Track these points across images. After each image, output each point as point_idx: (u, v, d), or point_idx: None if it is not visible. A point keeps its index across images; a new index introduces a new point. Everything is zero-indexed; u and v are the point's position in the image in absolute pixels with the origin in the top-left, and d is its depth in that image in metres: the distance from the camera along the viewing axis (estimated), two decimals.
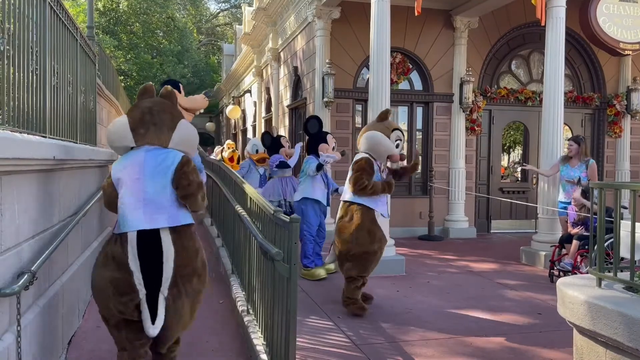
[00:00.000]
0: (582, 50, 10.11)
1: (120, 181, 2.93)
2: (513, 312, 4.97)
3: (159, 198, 2.90)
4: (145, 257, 2.80)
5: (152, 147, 2.99)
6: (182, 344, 3.43)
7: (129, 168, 2.93)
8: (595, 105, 10.13)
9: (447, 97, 9.49)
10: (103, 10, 26.93)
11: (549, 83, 7.12)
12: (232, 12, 39.52)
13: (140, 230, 2.80)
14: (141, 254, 2.79)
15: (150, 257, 2.80)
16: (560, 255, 6.15)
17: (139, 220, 2.83)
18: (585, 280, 3.02)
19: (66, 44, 4.21)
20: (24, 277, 2.42)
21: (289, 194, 7.04)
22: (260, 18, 12.61)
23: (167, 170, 2.92)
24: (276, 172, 7.26)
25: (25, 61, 2.93)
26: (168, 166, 2.93)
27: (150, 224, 2.83)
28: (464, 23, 9.28)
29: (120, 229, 2.87)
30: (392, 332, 4.37)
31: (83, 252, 4.60)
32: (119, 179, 2.95)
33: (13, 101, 2.70)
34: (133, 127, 3.00)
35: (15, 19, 2.75)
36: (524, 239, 8.27)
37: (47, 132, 3.47)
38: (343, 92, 8.98)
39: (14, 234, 2.52)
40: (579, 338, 2.88)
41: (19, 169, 2.51)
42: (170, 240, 2.84)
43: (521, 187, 10.32)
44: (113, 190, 2.99)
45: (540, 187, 7.21)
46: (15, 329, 2.43)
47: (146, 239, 2.81)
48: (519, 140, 16.37)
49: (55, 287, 3.38)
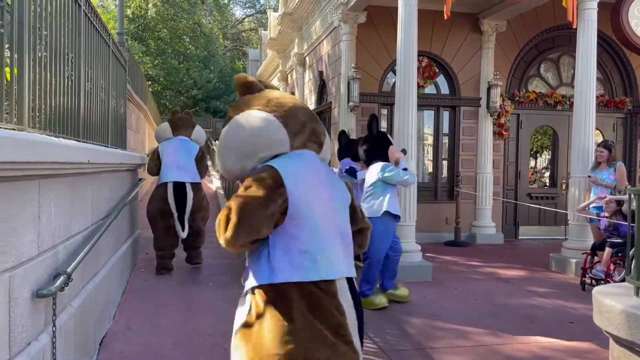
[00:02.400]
0: (614, 54, 9.89)
1: (163, 153, 6.11)
2: (544, 321, 4.87)
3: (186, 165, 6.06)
4: (177, 196, 5.89)
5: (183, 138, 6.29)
6: (209, 347, 3.44)
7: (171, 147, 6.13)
8: (628, 109, 9.90)
9: (474, 101, 9.39)
10: (132, 17, 27.49)
11: (580, 87, 6.98)
12: (258, 17, 39.90)
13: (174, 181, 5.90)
14: (175, 195, 5.87)
15: (180, 197, 5.88)
16: (593, 262, 6.01)
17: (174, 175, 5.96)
18: (623, 289, 2.94)
19: (99, 50, 4.30)
20: (60, 279, 2.47)
21: None
22: (286, 23, 12.69)
23: (192, 152, 6.20)
24: (345, 177, 6.50)
25: (61, 67, 3.00)
26: (192, 149, 6.23)
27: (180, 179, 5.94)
28: (491, 26, 9.17)
29: (162, 180, 6.01)
30: (419, 338, 4.32)
31: (114, 254, 4.68)
32: (162, 151, 6.13)
33: (49, 106, 2.77)
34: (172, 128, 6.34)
35: (52, 26, 2.82)
36: (553, 246, 8.10)
37: (81, 136, 3.54)
38: (368, 97, 8.96)
39: (51, 236, 2.57)
40: (616, 348, 2.80)
41: (56, 173, 2.57)
42: (191, 189, 5.95)
43: (550, 193, 10.13)
44: (158, 158, 6.13)
45: (571, 192, 7.06)
46: (50, 329, 2.47)
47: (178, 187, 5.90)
48: (547, 144, 16.11)
49: (88, 288, 3.44)
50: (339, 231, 1.95)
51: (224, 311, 4.84)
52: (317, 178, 1.96)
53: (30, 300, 2.28)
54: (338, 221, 1.96)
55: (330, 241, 1.90)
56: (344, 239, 1.96)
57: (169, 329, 4.32)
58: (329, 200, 1.95)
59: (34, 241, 2.32)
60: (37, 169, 2.23)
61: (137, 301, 5.06)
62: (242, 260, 6.89)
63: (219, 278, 6.08)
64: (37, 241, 2.36)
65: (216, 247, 7.75)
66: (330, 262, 1.87)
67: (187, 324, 4.45)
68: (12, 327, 2.08)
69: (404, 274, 6.21)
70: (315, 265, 1.84)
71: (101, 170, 3.88)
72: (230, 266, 6.72)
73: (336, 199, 2.00)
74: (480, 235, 9.27)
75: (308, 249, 1.85)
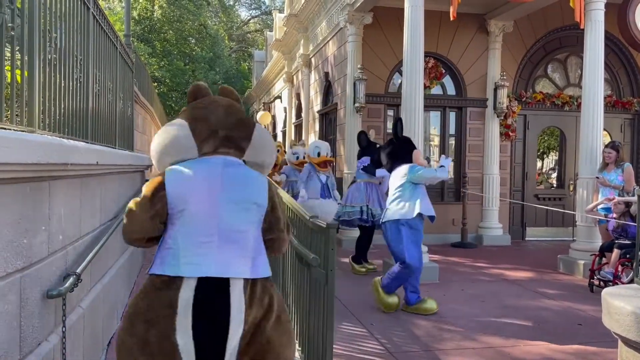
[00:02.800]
0: (621, 54, 9.85)
1: None
2: (552, 322, 4.85)
3: None
4: None
5: None
6: None
7: None
8: (635, 110, 9.85)
9: (481, 102, 9.36)
10: (138, 18, 27.60)
11: (587, 87, 6.95)
12: (263, 18, 39.96)
13: None
14: None
15: None
16: (601, 264, 5.98)
17: None
18: (632, 291, 2.93)
19: (107, 52, 4.32)
20: (69, 279, 2.48)
21: (372, 202, 6.59)
22: (292, 24, 12.70)
23: None
24: (362, 175, 6.76)
25: (70, 69, 3.01)
26: None
27: None
28: (498, 27, 9.15)
29: None
30: (427, 340, 4.31)
31: (122, 255, 4.70)
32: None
33: (58, 108, 2.78)
34: None
35: (61, 29, 2.83)
36: (561, 247, 8.07)
37: (89, 137, 3.56)
38: (374, 97, 8.95)
39: (61, 237, 2.59)
40: (625, 350, 2.79)
41: (65, 174, 2.58)
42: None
43: (557, 194, 10.09)
44: None
45: (579, 194, 7.03)
46: (60, 330, 2.48)
47: None
48: (553, 145, 16.03)
49: (96, 289, 3.46)
50: (222, 233, 1.98)
51: None
52: (209, 184, 2.01)
53: (40, 300, 2.29)
54: (224, 224, 1.99)
55: (203, 242, 1.95)
56: (228, 239, 1.98)
57: None
58: (217, 205, 1.99)
59: (44, 242, 2.33)
60: (48, 170, 2.24)
61: None
62: None
63: None
64: (47, 242, 2.37)
65: None
66: (188, 259, 1.93)
67: None
68: (23, 327, 2.10)
69: None
70: (171, 260, 1.95)
71: (109, 171, 3.90)
72: None
73: (230, 202, 2.02)
74: (487, 237, 9.24)
75: (172, 246, 1.96)
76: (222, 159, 2.09)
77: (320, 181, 7.01)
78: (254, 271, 2.01)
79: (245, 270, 1.98)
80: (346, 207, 6.70)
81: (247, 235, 2.03)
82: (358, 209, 6.59)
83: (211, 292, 1.91)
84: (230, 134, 2.12)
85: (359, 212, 6.60)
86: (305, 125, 12.69)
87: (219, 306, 1.89)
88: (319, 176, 7.06)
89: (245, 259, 2.00)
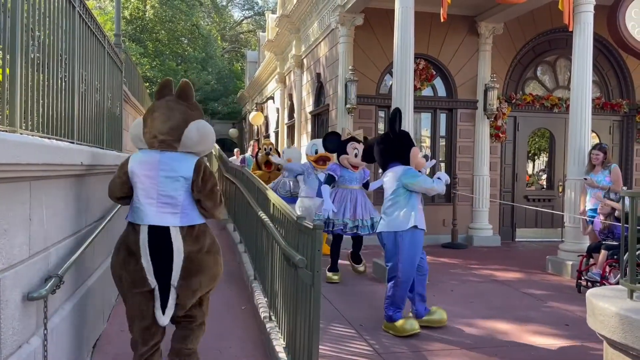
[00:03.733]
0: (610, 56, 9.92)
1: None
2: (540, 323, 4.87)
3: None
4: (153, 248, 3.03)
5: None
6: (203, 349, 3.44)
7: None
8: (624, 112, 9.92)
9: (471, 104, 9.40)
10: (130, 18, 27.47)
11: (576, 89, 6.99)
12: (256, 19, 39.91)
13: None
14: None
15: None
16: (588, 265, 6.01)
17: None
18: (616, 292, 2.94)
19: (94, 52, 4.29)
20: (51, 281, 2.46)
21: (361, 210, 6.06)
22: (284, 25, 12.69)
23: None
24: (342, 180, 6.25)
25: (55, 68, 2.99)
26: None
27: None
28: (488, 29, 9.19)
29: None
30: (415, 341, 4.31)
31: (109, 256, 4.66)
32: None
33: (42, 108, 2.76)
34: None
35: (45, 27, 2.81)
36: (550, 248, 8.11)
37: (75, 138, 3.53)
38: (366, 99, 8.96)
39: (42, 238, 2.56)
40: (610, 351, 2.79)
41: (47, 175, 2.56)
42: None
43: (547, 195, 10.13)
44: None
45: (567, 195, 7.07)
46: (42, 332, 2.46)
47: None
48: (544, 147, 16.12)
49: (81, 290, 3.42)
50: (157, 195, 2.98)
51: (219, 313, 4.83)
52: (151, 165, 3.01)
53: (21, 302, 2.26)
54: (158, 189, 2.98)
55: (147, 202, 2.97)
56: (160, 199, 2.98)
57: None
58: (154, 178, 2.99)
59: (25, 243, 2.31)
60: (28, 170, 2.22)
61: None
62: (238, 263, 6.86)
63: None
64: (28, 243, 2.34)
65: None
66: (142, 214, 2.97)
67: None
68: (3, 329, 2.07)
69: None
70: (136, 213, 3.00)
71: (96, 172, 3.86)
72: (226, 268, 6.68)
73: (161, 176, 2.99)
74: (477, 238, 9.27)
75: (134, 203, 3.04)
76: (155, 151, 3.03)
77: (318, 180, 6.81)
78: (183, 221, 2.98)
79: (176, 221, 2.97)
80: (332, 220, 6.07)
81: (177, 199, 2.98)
82: (340, 222, 6.02)
83: (157, 234, 2.94)
84: (164, 138, 3.04)
85: (351, 226, 6.06)
86: (298, 126, 12.68)
87: (163, 242, 2.93)
88: (317, 175, 6.95)
89: (175, 214, 2.98)
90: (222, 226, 9.62)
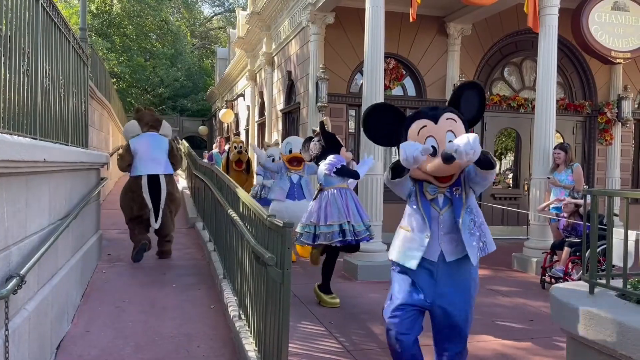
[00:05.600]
0: (574, 58, 10.19)
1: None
2: (505, 318, 4.97)
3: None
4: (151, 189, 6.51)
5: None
6: (171, 348, 3.39)
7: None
8: (587, 112, 10.20)
9: (441, 103, 9.50)
10: (96, 12, 26.85)
11: (541, 90, 7.16)
12: (226, 16, 39.54)
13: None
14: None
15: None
16: (552, 261, 6.17)
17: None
18: (579, 288, 3.03)
19: (58, 46, 4.18)
20: (12, 281, 2.39)
21: (352, 214, 5.04)
22: (255, 22, 12.61)
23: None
24: (332, 181, 5.10)
25: (17, 62, 2.90)
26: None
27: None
28: (457, 30, 9.33)
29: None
30: (384, 338, 4.33)
31: (73, 256, 4.56)
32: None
33: (3, 102, 2.67)
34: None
35: (7, 20, 2.72)
36: (516, 245, 8.27)
37: (38, 134, 3.43)
38: (337, 97, 8.98)
39: (3, 237, 2.48)
40: (572, 345, 2.88)
41: (8, 171, 2.48)
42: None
43: (513, 194, 10.35)
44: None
45: (532, 193, 7.24)
46: (2, 333, 2.39)
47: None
48: (511, 146, 16.46)
49: (44, 291, 3.34)
50: (152, 159, 6.53)
51: (187, 313, 4.77)
52: (147, 141, 6.60)
53: None
54: (152, 155, 6.52)
55: (145, 163, 6.49)
56: (154, 161, 6.54)
57: (131, 331, 4.24)
58: (149, 148, 6.55)
59: None
60: None
61: (97, 303, 4.94)
62: (207, 262, 6.79)
63: (183, 279, 5.99)
64: None
65: (182, 247, 7.66)
66: (142, 168, 6.48)
67: (150, 326, 4.37)
68: None
69: (369, 273, 6.27)
70: (136, 170, 6.50)
71: (59, 169, 3.77)
72: (195, 267, 6.64)
73: (154, 148, 6.60)
74: None
75: (135, 163, 6.52)
76: (150, 133, 6.63)
77: (290, 181, 6.57)
78: (165, 171, 6.57)
79: (161, 170, 6.51)
80: (320, 227, 5.01)
81: (161, 159, 6.53)
82: (337, 228, 4.98)
83: (152, 179, 6.42)
84: (153, 124, 6.79)
85: (338, 232, 4.99)
86: (269, 124, 12.63)
87: (156, 184, 6.46)
88: (290, 176, 6.62)
89: (160, 166, 6.52)
90: (190, 224, 9.51)
